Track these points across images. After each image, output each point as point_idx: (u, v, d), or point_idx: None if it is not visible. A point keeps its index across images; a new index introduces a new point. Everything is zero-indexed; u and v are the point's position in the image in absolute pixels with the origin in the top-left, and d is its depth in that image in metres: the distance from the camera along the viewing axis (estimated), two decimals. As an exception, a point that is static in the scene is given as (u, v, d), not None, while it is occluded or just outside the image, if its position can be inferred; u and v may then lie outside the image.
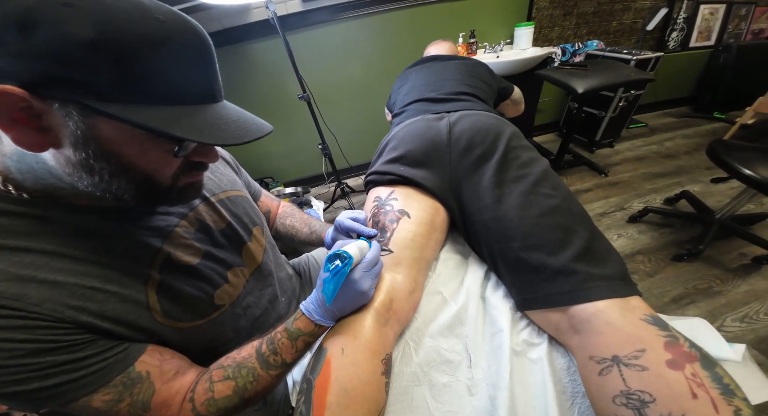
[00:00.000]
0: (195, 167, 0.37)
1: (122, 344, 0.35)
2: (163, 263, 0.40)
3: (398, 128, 0.66)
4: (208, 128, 0.29)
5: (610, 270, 0.42)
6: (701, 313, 1.09)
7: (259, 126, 0.34)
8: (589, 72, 1.53)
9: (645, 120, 2.42)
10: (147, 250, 0.39)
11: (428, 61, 0.99)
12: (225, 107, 0.33)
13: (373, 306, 0.43)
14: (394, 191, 0.58)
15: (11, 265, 0.29)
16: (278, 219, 0.73)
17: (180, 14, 0.29)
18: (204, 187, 0.49)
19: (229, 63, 1.60)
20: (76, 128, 0.26)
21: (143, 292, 0.37)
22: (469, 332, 0.47)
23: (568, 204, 0.49)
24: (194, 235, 0.45)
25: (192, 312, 0.42)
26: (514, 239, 0.47)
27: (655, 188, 1.69)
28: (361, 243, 0.44)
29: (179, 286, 0.41)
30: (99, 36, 0.24)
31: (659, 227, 1.44)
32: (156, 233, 0.40)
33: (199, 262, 0.44)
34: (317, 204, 1.58)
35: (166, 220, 0.42)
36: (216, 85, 0.33)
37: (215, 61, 0.32)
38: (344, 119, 1.90)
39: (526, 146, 0.58)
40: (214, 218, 0.48)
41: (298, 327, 0.42)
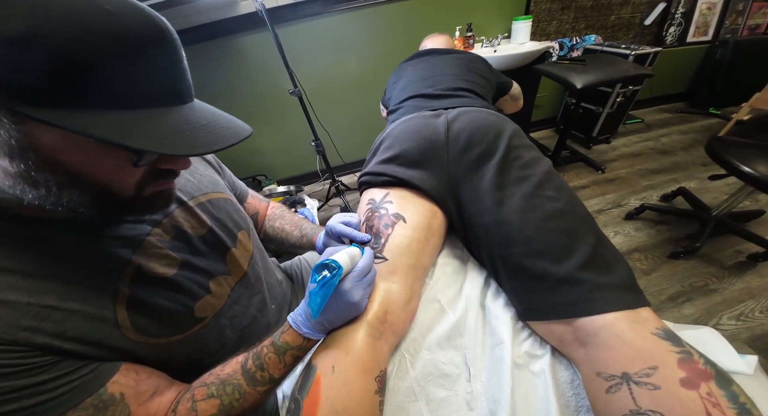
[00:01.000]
0: (163, 174, 0.33)
1: (90, 364, 0.32)
2: (133, 275, 0.36)
3: (393, 126, 0.63)
4: (171, 134, 0.26)
5: (618, 279, 0.40)
6: (697, 311, 1.09)
7: (234, 130, 0.31)
8: (587, 67, 1.50)
9: (641, 116, 2.41)
10: (114, 262, 0.35)
11: (424, 55, 0.95)
12: (193, 109, 0.30)
13: (366, 319, 0.40)
14: (388, 194, 0.54)
15: None
16: (267, 221, 0.69)
17: (135, 3, 0.25)
18: (181, 190, 0.45)
19: (217, 57, 1.55)
20: (9, 136, 0.23)
21: (110, 308, 0.34)
22: (468, 343, 0.45)
23: (572, 207, 0.46)
24: (170, 243, 0.41)
25: (169, 327, 0.39)
26: (516, 245, 0.45)
27: (652, 185, 1.69)
28: (352, 250, 0.41)
29: (153, 300, 0.38)
30: (29, 30, 0.20)
31: (656, 225, 1.43)
32: (125, 244, 0.37)
33: (175, 273, 0.41)
34: (311, 203, 1.55)
35: (137, 228, 0.38)
36: (182, 84, 0.29)
37: (181, 56, 0.29)
38: (338, 115, 1.86)
39: (528, 145, 0.55)
40: (192, 224, 0.45)
41: (285, 341, 0.39)
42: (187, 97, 0.30)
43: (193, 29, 1.44)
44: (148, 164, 0.30)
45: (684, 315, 1.08)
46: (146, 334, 0.37)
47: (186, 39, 1.28)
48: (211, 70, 1.57)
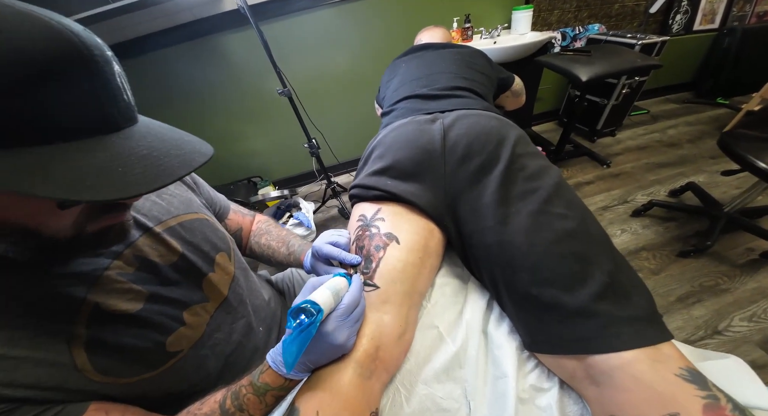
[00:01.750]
0: (109, 210, 0.29)
1: (53, 407, 0.30)
2: (91, 315, 0.33)
3: (385, 132, 0.58)
4: (94, 174, 0.21)
5: (638, 310, 0.35)
6: (707, 312, 1.05)
7: (185, 158, 0.26)
8: (592, 58, 1.43)
9: (647, 107, 2.34)
10: (66, 303, 0.32)
11: (419, 50, 0.89)
12: (130, 136, 0.25)
13: (354, 357, 0.37)
14: (380, 210, 0.50)
15: None
16: (252, 237, 0.65)
17: (53, 24, 0.21)
18: (146, 215, 0.41)
19: (203, 57, 1.49)
20: None
21: (66, 352, 0.31)
22: (469, 375, 0.41)
23: (585, 227, 0.42)
24: (134, 276, 0.38)
25: (139, 365, 0.36)
26: (523, 271, 0.40)
27: (659, 179, 1.63)
28: (336, 283, 0.36)
29: (117, 340, 0.34)
30: None
31: (664, 221, 1.38)
32: (78, 281, 0.33)
33: (142, 308, 0.37)
34: (306, 206, 1.50)
35: (92, 263, 0.35)
36: (112, 109, 0.24)
37: (109, 76, 0.24)
38: (331, 114, 1.80)
39: (533, 153, 0.49)
40: (161, 252, 0.41)
41: (265, 382, 0.36)
42: (123, 122, 0.25)
43: (178, 28, 1.38)
44: (79, 204, 0.26)
45: (694, 316, 1.05)
46: (112, 375, 0.34)
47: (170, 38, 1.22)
48: (197, 71, 1.52)
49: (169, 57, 1.45)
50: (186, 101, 1.57)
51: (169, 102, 1.55)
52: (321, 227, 1.72)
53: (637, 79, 1.83)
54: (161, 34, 1.37)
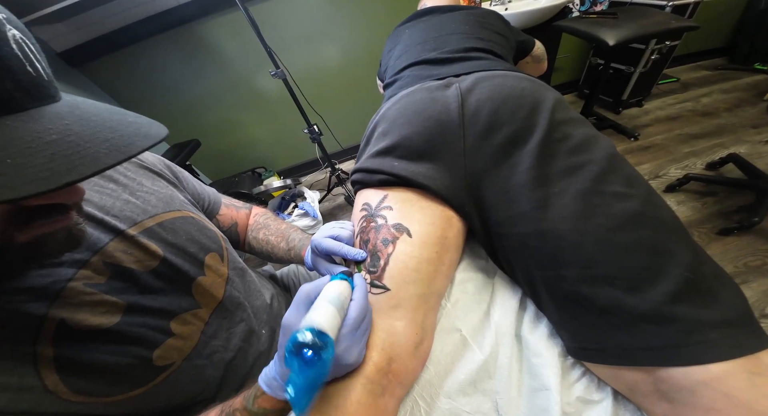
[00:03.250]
0: (40, 213, 0.23)
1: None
2: (56, 333, 0.29)
3: (389, 104, 0.49)
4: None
5: (728, 313, 0.27)
6: (754, 294, 0.96)
7: (116, 143, 0.20)
8: (619, 21, 1.28)
9: (676, 74, 2.13)
10: (24, 321, 0.28)
11: (424, 15, 0.78)
12: (38, 118, 0.19)
13: (363, 373, 0.30)
14: (387, 197, 0.42)
15: None
16: (250, 232, 0.59)
17: None
18: (117, 216, 0.36)
19: (190, 44, 1.41)
20: None
21: (33, 375, 0.27)
22: (501, 387, 0.34)
23: (653, 208, 0.33)
24: (106, 286, 0.33)
25: (122, 383, 0.32)
26: (570, 266, 0.32)
27: (694, 152, 1.49)
28: (338, 292, 0.29)
29: (91, 357, 0.30)
30: None
31: (701, 196, 1.26)
32: (36, 296, 0.29)
33: (119, 321, 0.32)
34: (311, 196, 1.45)
35: (51, 275, 0.30)
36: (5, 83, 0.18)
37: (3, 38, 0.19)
38: (330, 98, 1.70)
39: (578, 120, 0.40)
40: (138, 257, 0.36)
41: (262, 407, 0.31)
42: (27, 100, 0.19)
43: (161, 15, 1.30)
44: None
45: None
46: (93, 395, 0.30)
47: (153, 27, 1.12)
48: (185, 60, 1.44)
49: (153, 48, 1.37)
50: (177, 93, 1.51)
51: (158, 95, 1.49)
52: (328, 216, 1.66)
53: (668, 43, 1.66)
54: (143, 23, 1.29)
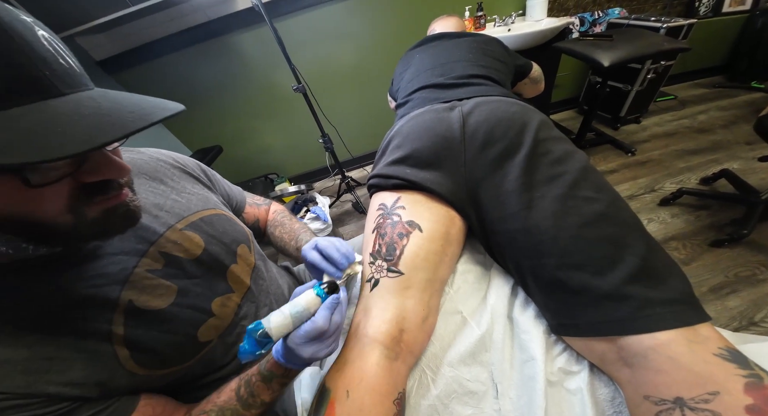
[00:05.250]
0: (97, 190, 0.28)
1: (111, 404, 0.32)
2: (126, 313, 0.34)
3: (402, 122, 0.58)
4: (24, 137, 0.20)
5: (673, 292, 0.34)
6: (743, 303, 1.00)
7: (141, 113, 0.24)
8: (615, 43, 1.37)
9: (674, 92, 2.21)
10: (103, 303, 0.33)
11: (433, 40, 0.88)
12: (76, 100, 0.23)
13: (379, 340, 0.37)
14: (400, 198, 0.50)
15: None
16: (269, 227, 0.67)
17: None
18: (168, 212, 0.42)
19: (217, 56, 1.53)
20: None
21: (109, 350, 0.33)
22: (495, 359, 0.41)
23: (615, 210, 0.40)
24: (162, 272, 0.39)
25: (175, 357, 0.38)
26: (549, 256, 0.39)
27: (689, 167, 1.55)
28: (303, 300, 0.35)
29: (152, 335, 0.36)
30: None
31: (695, 210, 1.31)
32: (110, 281, 0.34)
33: (172, 302, 0.39)
34: (322, 200, 1.53)
35: (121, 262, 0.36)
36: (41, 72, 0.22)
37: (35, 37, 0.22)
38: (344, 109, 1.81)
39: (558, 138, 0.48)
40: (184, 247, 0.42)
41: (270, 370, 0.38)
42: (63, 87, 0.23)
43: (192, 29, 1.42)
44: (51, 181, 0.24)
45: (728, 307, 1.00)
46: (152, 368, 0.36)
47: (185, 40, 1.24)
48: (212, 71, 1.56)
49: (184, 59, 1.49)
50: (201, 102, 1.61)
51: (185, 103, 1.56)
52: (336, 221, 1.74)
53: (663, 63, 1.74)
54: (175, 37, 1.42)
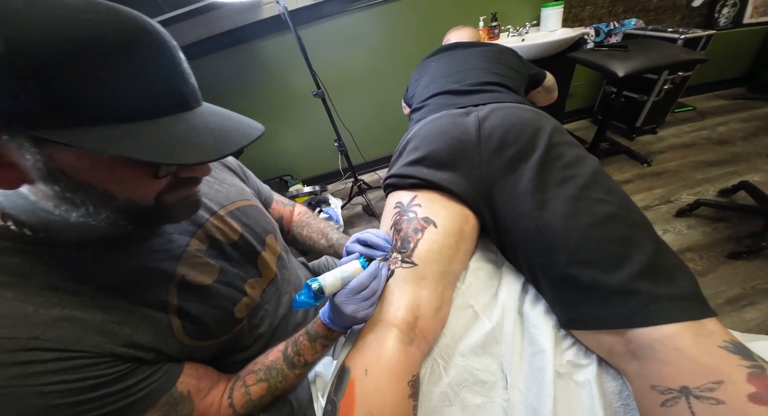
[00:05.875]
0: (184, 183, 0.33)
1: (162, 367, 0.36)
2: (180, 286, 0.39)
3: (419, 126, 0.61)
4: (179, 144, 0.25)
5: (680, 289, 0.36)
6: (760, 315, 0.98)
7: (243, 132, 0.29)
8: (630, 53, 1.38)
9: (693, 103, 2.18)
10: (161, 276, 0.38)
11: (449, 49, 0.92)
12: (200, 114, 0.28)
13: (396, 325, 0.40)
14: (416, 197, 0.53)
15: (41, 306, 0.29)
16: (294, 227, 0.71)
17: (119, 9, 0.23)
18: (212, 200, 0.47)
19: (242, 62, 1.61)
20: (35, 160, 0.23)
21: (165, 319, 0.37)
22: (505, 351, 0.43)
23: (625, 211, 0.42)
24: (207, 252, 0.43)
25: (216, 330, 0.42)
26: (560, 253, 0.41)
27: (708, 178, 1.52)
28: (350, 267, 0.41)
29: (199, 307, 0.40)
30: (10, 50, 0.19)
31: (713, 222, 1.29)
32: (167, 256, 0.39)
33: (215, 279, 0.43)
34: (335, 202, 1.57)
35: (176, 241, 0.40)
36: (183, 89, 0.27)
37: (179, 60, 0.27)
38: (358, 114, 1.86)
39: (570, 143, 0.50)
40: (224, 232, 0.46)
41: (316, 331, 0.44)
42: (193, 102, 0.28)
43: (219, 36, 1.51)
44: (170, 175, 0.30)
45: (745, 319, 0.97)
46: (198, 338, 0.40)
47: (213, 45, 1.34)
48: (237, 75, 1.64)
49: (211, 63, 1.57)
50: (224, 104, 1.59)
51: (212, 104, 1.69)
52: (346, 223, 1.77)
53: (681, 74, 1.73)
54: (205, 42, 1.50)
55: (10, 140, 0.22)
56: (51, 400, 0.28)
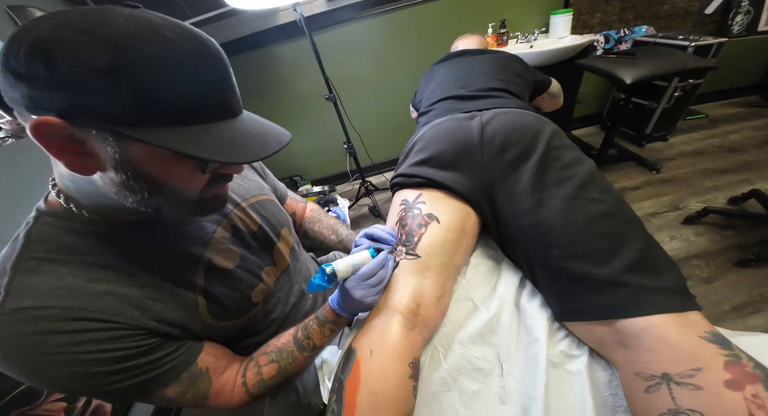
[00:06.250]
0: (221, 179, 0.37)
1: (185, 343, 0.39)
2: (206, 268, 0.43)
3: (425, 129, 0.64)
4: (228, 145, 0.29)
5: (667, 283, 0.38)
6: (766, 322, 0.97)
7: (276, 137, 0.34)
8: (638, 60, 1.39)
9: (705, 111, 2.16)
10: (191, 258, 0.42)
11: (457, 56, 0.95)
12: (243, 120, 0.33)
13: (399, 311, 0.43)
14: (421, 195, 0.56)
15: (90, 281, 0.33)
16: (306, 223, 0.76)
17: (190, 30, 0.28)
18: (236, 193, 0.52)
19: (258, 66, 1.68)
20: (114, 152, 0.27)
21: (192, 298, 0.41)
22: (502, 340, 0.45)
23: (619, 210, 0.44)
24: (230, 240, 0.48)
25: (235, 312, 0.46)
26: (556, 247, 0.44)
27: (717, 186, 1.51)
28: (360, 255, 0.45)
29: (222, 290, 0.44)
30: (113, 62, 0.23)
31: (721, 229, 1.28)
32: (196, 242, 0.43)
33: (237, 265, 0.47)
34: (342, 202, 1.62)
35: (205, 228, 0.45)
36: (233, 99, 0.32)
37: (230, 74, 0.32)
38: (367, 117, 1.91)
39: (569, 146, 0.53)
40: (246, 222, 0.51)
41: (324, 316, 0.47)
42: (238, 109, 0.33)
43: (237, 41, 1.59)
44: (212, 171, 0.34)
45: (750, 326, 0.97)
46: (219, 318, 0.44)
47: (231, 50, 1.42)
48: (252, 78, 1.71)
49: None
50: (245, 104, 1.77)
51: None
52: (353, 223, 1.81)
53: (691, 81, 1.72)
54: (224, 46, 1.56)
55: (96, 134, 0.26)
56: (88, 368, 0.31)
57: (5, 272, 0.31)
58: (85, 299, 0.32)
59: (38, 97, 0.24)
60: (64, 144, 0.27)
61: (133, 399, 0.36)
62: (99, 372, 0.32)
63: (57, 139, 0.26)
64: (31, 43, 0.23)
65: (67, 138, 0.26)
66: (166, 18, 0.27)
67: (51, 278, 0.31)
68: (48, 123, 0.25)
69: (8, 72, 0.24)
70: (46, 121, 0.24)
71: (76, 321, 0.31)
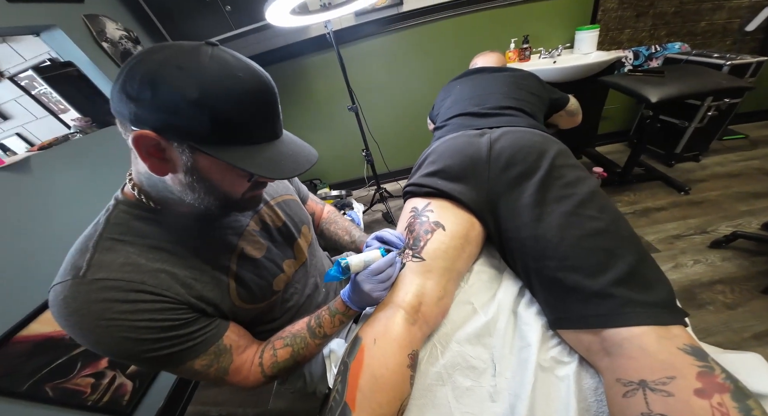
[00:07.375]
0: (259, 185, 0.45)
1: (215, 321, 0.46)
2: (239, 256, 0.50)
3: (438, 143, 0.69)
4: (271, 163, 0.36)
5: (655, 297, 0.40)
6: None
7: (307, 157, 0.40)
8: (665, 79, 1.37)
9: (745, 131, 2.04)
10: (227, 246, 0.49)
11: (474, 73, 1.00)
12: (283, 142, 0.40)
13: (402, 306, 0.48)
14: (430, 203, 0.61)
15: (149, 260, 0.40)
16: (323, 223, 0.83)
17: (255, 70, 0.35)
18: (266, 192, 0.59)
19: (288, 76, 1.81)
20: (187, 160, 0.35)
21: (226, 281, 0.47)
22: (497, 343, 0.49)
23: (615, 227, 0.47)
24: (259, 233, 0.55)
25: (258, 296, 0.52)
26: (551, 259, 0.47)
27: (752, 211, 1.43)
28: (371, 254, 0.49)
29: (249, 276, 0.50)
30: (200, 95, 0.31)
31: (751, 255, 1.22)
32: (233, 232, 0.50)
33: (263, 255, 0.54)
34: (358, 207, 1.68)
35: (240, 221, 0.52)
36: (278, 126, 0.39)
37: (279, 106, 0.38)
38: (386, 127, 1.99)
39: (573, 165, 0.56)
40: (273, 218, 0.58)
41: (336, 308, 0.52)
42: (280, 133, 0.40)
43: (271, 52, 1.73)
44: (254, 180, 0.41)
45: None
46: (245, 302, 0.50)
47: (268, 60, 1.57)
48: (284, 86, 1.84)
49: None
50: None
51: None
52: (366, 228, 1.88)
53: (727, 101, 1.65)
54: (259, 56, 1.72)
55: (177, 146, 0.34)
56: (140, 334, 0.37)
57: (88, 249, 0.38)
58: (144, 275, 0.39)
59: (141, 115, 0.32)
60: (151, 151, 0.34)
61: (167, 367, 0.42)
62: (147, 338, 0.38)
63: (148, 147, 0.34)
64: (143, 74, 0.31)
65: (154, 147, 0.34)
66: (238, 58, 0.35)
67: (121, 256, 0.39)
68: (146, 135, 0.32)
69: (123, 93, 0.31)
70: (145, 134, 0.32)
71: (136, 292, 0.38)
